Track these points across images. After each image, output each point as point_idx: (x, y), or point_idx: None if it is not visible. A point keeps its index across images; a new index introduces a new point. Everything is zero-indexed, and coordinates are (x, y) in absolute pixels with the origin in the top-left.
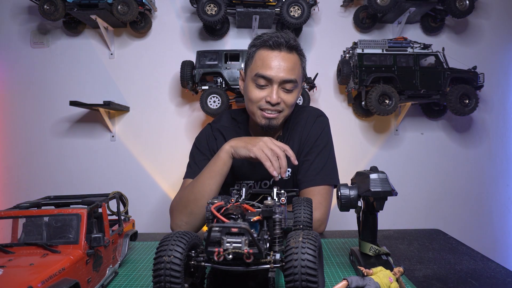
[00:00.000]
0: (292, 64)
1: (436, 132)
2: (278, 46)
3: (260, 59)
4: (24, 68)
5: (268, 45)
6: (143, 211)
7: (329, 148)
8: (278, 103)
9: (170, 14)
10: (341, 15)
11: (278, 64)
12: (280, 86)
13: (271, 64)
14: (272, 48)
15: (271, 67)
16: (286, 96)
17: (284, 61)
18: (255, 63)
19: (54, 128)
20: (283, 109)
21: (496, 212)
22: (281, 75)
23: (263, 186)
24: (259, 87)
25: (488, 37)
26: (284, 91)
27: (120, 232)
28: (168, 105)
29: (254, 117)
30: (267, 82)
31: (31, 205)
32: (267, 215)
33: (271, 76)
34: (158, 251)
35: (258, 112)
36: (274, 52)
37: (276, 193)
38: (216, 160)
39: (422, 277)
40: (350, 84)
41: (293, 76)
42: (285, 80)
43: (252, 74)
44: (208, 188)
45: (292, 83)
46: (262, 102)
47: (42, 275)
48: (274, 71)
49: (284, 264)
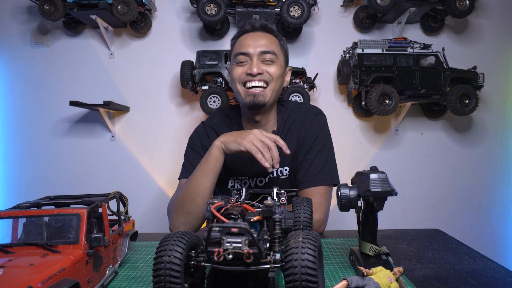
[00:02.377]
0: (269, 40)
1: (436, 132)
2: (253, 28)
3: (238, 43)
4: (24, 68)
5: (244, 30)
6: (143, 211)
7: (328, 147)
8: (260, 74)
9: (170, 14)
10: (341, 15)
11: (254, 40)
12: (259, 59)
13: (248, 41)
14: (247, 31)
15: (248, 44)
16: (268, 67)
17: (260, 38)
18: (235, 48)
19: (54, 128)
20: (269, 80)
21: (496, 212)
22: (258, 48)
23: (259, 183)
24: (240, 64)
25: (488, 37)
26: (265, 63)
27: (120, 232)
28: (168, 105)
29: (240, 97)
30: (246, 58)
31: (31, 205)
32: (267, 215)
33: (248, 50)
34: (158, 251)
35: (243, 90)
36: (250, 33)
37: (276, 193)
38: (207, 158)
39: (422, 277)
40: (350, 84)
41: (270, 48)
42: (263, 51)
43: (234, 57)
44: (202, 186)
45: (271, 54)
46: (243, 75)
47: (42, 275)
48: (251, 46)
49: (284, 264)
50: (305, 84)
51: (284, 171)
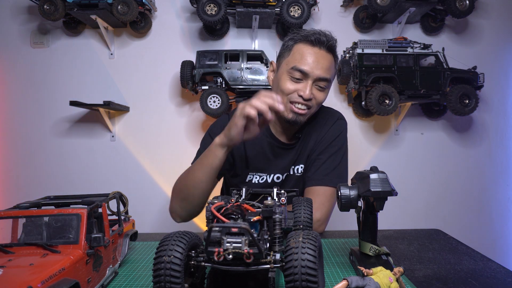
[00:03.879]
0: (329, 63)
1: (436, 132)
2: (319, 43)
3: (299, 53)
4: (24, 68)
5: (309, 41)
6: (143, 211)
7: (343, 152)
8: (310, 99)
9: (170, 14)
10: (341, 15)
11: (316, 60)
12: (314, 82)
13: (310, 59)
14: (313, 44)
15: (309, 63)
16: (318, 93)
17: (323, 58)
18: (293, 56)
19: (54, 128)
20: (312, 106)
21: (496, 212)
22: (317, 72)
23: (276, 179)
24: (294, 80)
25: (488, 37)
26: (317, 88)
27: (120, 232)
28: (168, 105)
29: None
30: (303, 76)
31: (31, 205)
32: (267, 215)
33: (308, 71)
34: (158, 251)
35: (287, 105)
36: (314, 49)
37: (276, 193)
38: (207, 153)
39: (422, 277)
40: (350, 84)
41: (328, 75)
42: (320, 77)
43: (288, 66)
44: (198, 179)
45: (326, 82)
46: (294, 95)
47: (42, 275)
48: (312, 67)
49: (284, 264)
50: None
51: (300, 168)
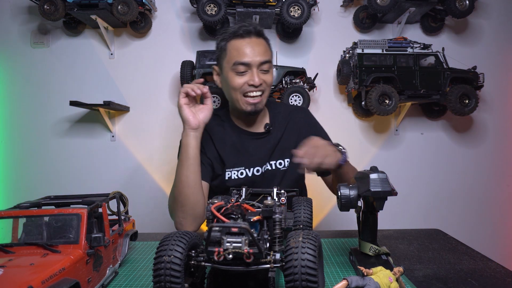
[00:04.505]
0: (264, 47)
1: (436, 132)
2: (248, 33)
3: (235, 49)
4: (24, 68)
5: (239, 35)
6: (143, 211)
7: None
8: (260, 84)
9: (170, 14)
10: (341, 15)
11: (252, 49)
12: (258, 68)
13: (247, 50)
14: (243, 36)
15: (247, 53)
16: (265, 76)
17: (257, 45)
18: (231, 53)
19: (54, 128)
20: (265, 89)
21: (496, 212)
22: (258, 58)
23: (256, 173)
24: (240, 74)
25: (488, 37)
26: (263, 72)
27: (120, 232)
28: (168, 105)
29: (239, 104)
30: (246, 67)
31: (31, 205)
32: (267, 215)
33: (249, 61)
34: (158, 251)
35: (242, 99)
36: (246, 40)
37: (276, 193)
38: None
39: (422, 277)
40: (350, 84)
41: (267, 57)
42: (262, 61)
43: (230, 64)
44: (184, 176)
45: (268, 63)
46: (245, 86)
47: (42, 275)
48: (251, 56)
49: (284, 264)
50: (305, 84)
51: (285, 162)
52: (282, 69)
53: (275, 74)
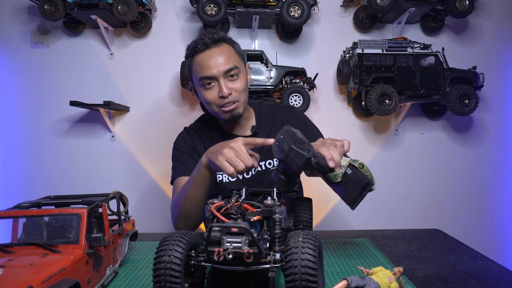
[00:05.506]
0: (226, 53)
1: (436, 132)
2: (206, 45)
3: (198, 64)
4: (24, 68)
5: (198, 50)
6: (143, 211)
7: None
8: (230, 94)
9: (170, 14)
10: (341, 15)
11: (214, 60)
12: (225, 78)
13: (208, 63)
14: (202, 50)
15: (209, 66)
16: (233, 84)
17: (218, 54)
18: (195, 70)
19: (54, 128)
20: (238, 97)
21: (496, 212)
22: (221, 69)
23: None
24: (209, 87)
25: (488, 37)
26: (230, 80)
27: (120, 232)
28: (168, 105)
29: (218, 115)
30: (212, 80)
31: (31, 205)
32: (267, 215)
33: (213, 73)
34: (158, 251)
35: (219, 110)
36: (205, 52)
37: (276, 193)
38: (196, 173)
39: (422, 277)
40: (350, 84)
41: (231, 64)
42: (225, 70)
43: (198, 80)
44: (195, 200)
45: (234, 70)
46: (217, 99)
47: (42, 274)
48: (213, 68)
49: (284, 264)
50: (305, 84)
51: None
52: (282, 69)
53: (275, 74)
